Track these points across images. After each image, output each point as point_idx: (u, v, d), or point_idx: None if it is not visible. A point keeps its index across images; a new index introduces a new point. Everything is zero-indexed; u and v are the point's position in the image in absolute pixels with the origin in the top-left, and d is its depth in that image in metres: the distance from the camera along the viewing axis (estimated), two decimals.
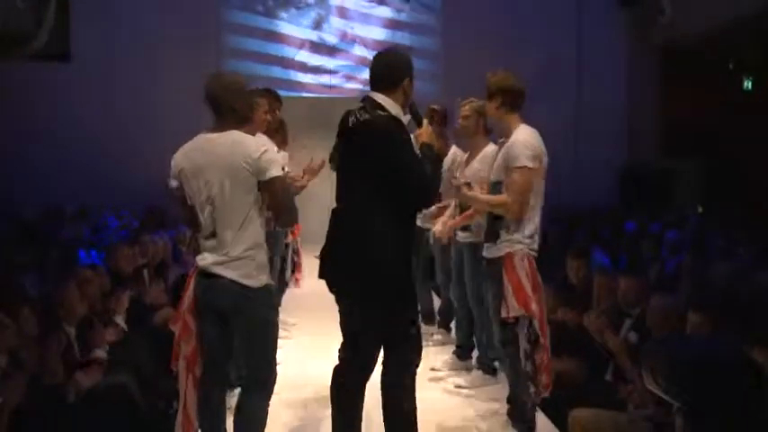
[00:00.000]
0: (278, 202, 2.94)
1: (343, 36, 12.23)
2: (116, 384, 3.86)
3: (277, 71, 12.08)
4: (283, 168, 3.12)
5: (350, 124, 3.00)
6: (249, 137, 2.98)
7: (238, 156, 2.87)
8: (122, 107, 11.52)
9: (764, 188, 11.31)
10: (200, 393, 3.11)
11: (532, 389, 3.57)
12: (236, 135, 2.94)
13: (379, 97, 2.99)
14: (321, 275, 3.03)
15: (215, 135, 2.97)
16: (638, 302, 3.98)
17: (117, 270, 5.07)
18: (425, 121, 3.15)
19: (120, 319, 4.39)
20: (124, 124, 11.49)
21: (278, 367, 3.10)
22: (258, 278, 2.95)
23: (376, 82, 3.05)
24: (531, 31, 11.60)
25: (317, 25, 12.21)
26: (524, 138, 3.51)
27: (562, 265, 5.25)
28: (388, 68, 3.04)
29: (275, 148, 3.03)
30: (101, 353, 4.00)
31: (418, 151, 2.99)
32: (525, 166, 3.43)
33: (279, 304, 3.21)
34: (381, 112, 2.94)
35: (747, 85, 10.74)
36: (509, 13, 11.62)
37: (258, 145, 2.91)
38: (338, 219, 3.00)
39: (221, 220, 2.92)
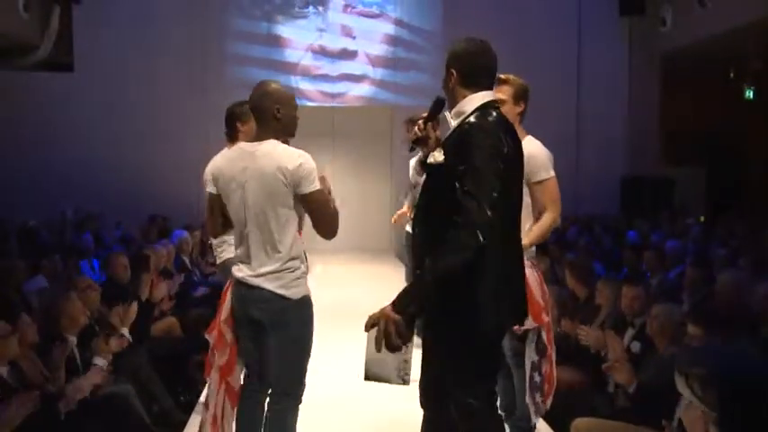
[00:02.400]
0: (317, 216, 2.91)
1: (346, 44, 12.27)
2: (118, 394, 3.86)
3: (280, 78, 12.13)
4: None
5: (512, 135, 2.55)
6: (288, 148, 2.92)
7: (274, 166, 2.84)
8: (125, 116, 11.55)
9: (765, 195, 11.29)
10: (240, 403, 3.09)
11: (539, 398, 3.55)
12: (274, 146, 2.90)
13: None
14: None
15: (254, 145, 2.94)
16: (640, 312, 3.97)
17: (116, 279, 5.07)
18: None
19: (125, 331, 4.38)
20: (127, 133, 11.52)
21: None
22: (297, 289, 2.93)
23: (493, 80, 2.68)
24: (532, 41, 11.63)
25: (320, 33, 12.25)
26: (540, 149, 3.54)
27: (563, 275, 5.24)
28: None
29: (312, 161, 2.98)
30: (101, 361, 3.99)
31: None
32: (552, 176, 3.54)
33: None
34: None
35: (748, 93, 10.75)
36: (510, 24, 11.65)
37: (295, 157, 2.87)
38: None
39: (258, 230, 2.90)
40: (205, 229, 8.28)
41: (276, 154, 2.87)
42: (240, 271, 2.97)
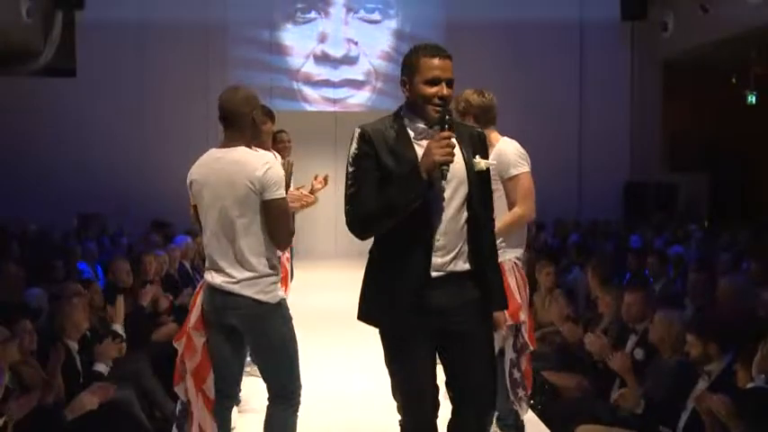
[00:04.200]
0: (274, 224, 2.90)
1: (348, 50, 12.28)
2: (119, 400, 3.84)
3: (282, 83, 12.15)
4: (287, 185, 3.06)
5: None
6: (255, 154, 2.92)
7: (242, 174, 2.84)
8: (127, 121, 11.57)
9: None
10: (214, 411, 3.05)
11: (522, 393, 3.58)
12: (242, 152, 2.90)
13: None
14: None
15: (223, 151, 2.95)
16: (643, 318, 3.96)
17: (118, 284, 5.06)
18: None
19: (118, 328, 4.36)
20: (129, 138, 11.54)
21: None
22: (273, 294, 2.92)
23: None
24: (534, 46, 11.63)
25: (322, 38, 12.26)
26: (510, 146, 3.58)
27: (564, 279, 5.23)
28: None
29: (279, 166, 2.99)
30: (102, 367, 3.99)
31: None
32: (525, 171, 3.53)
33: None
34: None
35: (751, 99, 10.74)
36: (512, 29, 11.66)
37: (262, 163, 2.87)
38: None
39: (230, 237, 2.89)
40: None
41: (246, 161, 2.88)
42: (214, 278, 2.94)
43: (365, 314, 2.59)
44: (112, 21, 11.47)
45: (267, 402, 3.05)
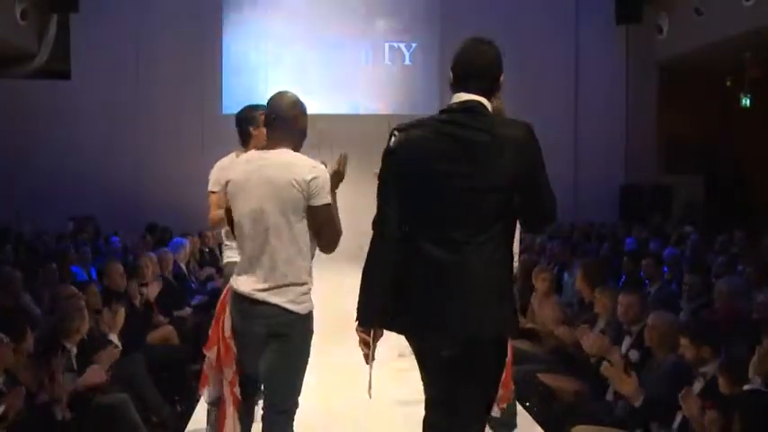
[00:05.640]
0: (321, 229, 2.85)
1: (341, 55, 12.30)
2: (114, 403, 3.83)
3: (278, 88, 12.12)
4: None
5: (468, 137, 2.37)
6: (303, 157, 2.88)
7: (289, 176, 2.79)
8: (121, 125, 11.55)
9: (763, 203, 11.31)
10: (242, 417, 3.03)
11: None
12: (290, 155, 2.87)
13: (483, 100, 2.44)
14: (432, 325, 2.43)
15: (269, 152, 2.89)
16: (637, 320, 3.96)
17: (112, 287, 5.05)
18: None
19: (114, 337, 4.35)
20: (123, 142, 11.52)
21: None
22: (304, 305, 2.85)
23: (477, 80, 2.44)
24: (529, 49, 11.65)
25: (315, 41, 12.28)
26: None
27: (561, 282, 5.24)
28: (492, 61, 2.47)
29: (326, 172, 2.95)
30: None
31: None
32: None
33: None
34: (510, 121, 2.47)
35: (745, 101, 10.78)
36: (507, 33, 11.65)
37: (311, 167, 2.83)
38: (457, 255, 2.37)
39: (266, 240, 2.82)
40: (203, 236, 8.29)
41: (291, 163, 2.83)
42: (242, 284, 2.87)
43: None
44: (107, 23, 11.46)
45: (262, 411, 2.99)
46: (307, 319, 2.88)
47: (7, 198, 10.54)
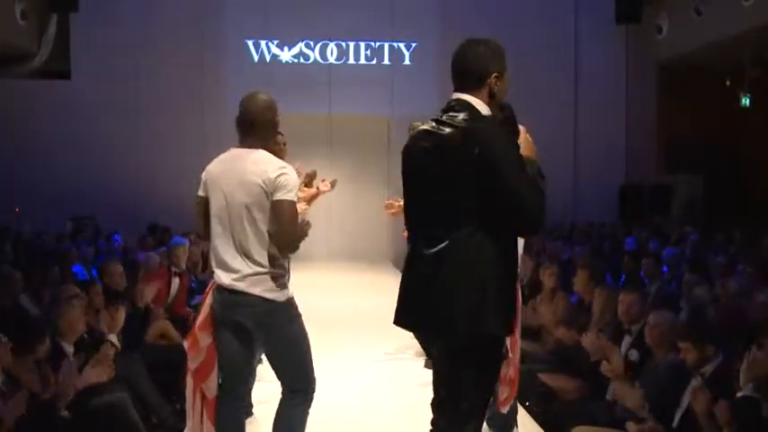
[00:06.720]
0: (280, 226, 2.91)
1: (343, 54, 12.31)
2: (114, 402, 3.83)
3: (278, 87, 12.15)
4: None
5: (436, 134, 2.45)
6: (273, 158, 3.00)
7: (257, 173, 2.91)
8: (121, 124, 11.56)
9: (763, 203, 11.32)
10: (218, 411, 3.09)
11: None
12: (262, 154, 2.99)
13: (471, 99, 2.48)
14: (410, 322, 2.57)
15: (245, 151, 3.01)
16: (637, 319, 3.97)
17: (112, 287, 5.05)
18: (522, 129, 2.61)
19: (113, 338, 4.35)
20: (124, 141, 11.53)
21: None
22: (282, 292, 2.96)
23: (461, 80, 2.52)
24: (529, 49, 11.65)
25: (318, 41, 12.29)
26: None
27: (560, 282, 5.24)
28: (474, 61, 2.51)
29: (296, 175, 3.03)
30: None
31: None
32: None
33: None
34: (482, 116, 2.46)
35: (744, 101, 10.79)
36: (507, 32, 11.63)
37: (278, 166, 2.95)
38: (437, 251, 2.41)
39: (238, 231, 2.94)
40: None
41: (263, 162, 2.95)
42: (221, 277, 2.97)
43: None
44: (107, 23, 11.47)
45: (281, 396, 3.09)
46: (286, 305, 2.99)
47: (5, 198, 10.55)
